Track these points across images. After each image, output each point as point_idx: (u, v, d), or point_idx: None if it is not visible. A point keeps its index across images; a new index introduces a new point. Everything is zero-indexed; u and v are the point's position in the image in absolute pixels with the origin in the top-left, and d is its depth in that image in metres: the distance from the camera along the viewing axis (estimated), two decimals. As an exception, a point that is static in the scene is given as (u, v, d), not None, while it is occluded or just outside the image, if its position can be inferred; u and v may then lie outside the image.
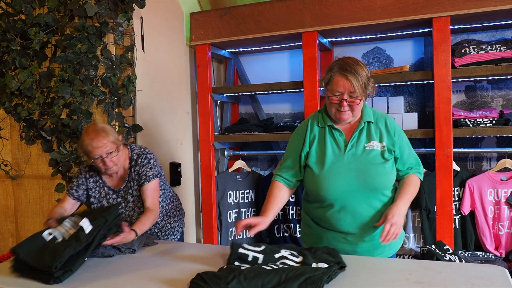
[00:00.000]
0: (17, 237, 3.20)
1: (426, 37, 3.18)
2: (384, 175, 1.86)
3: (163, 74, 3.18)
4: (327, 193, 1.86)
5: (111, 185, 2.28)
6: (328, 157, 1.88)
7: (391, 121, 1.95)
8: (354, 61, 1.83)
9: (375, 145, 1.87)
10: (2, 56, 2.97)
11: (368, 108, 1.96)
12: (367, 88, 1.83)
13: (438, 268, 1.65)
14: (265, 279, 1.42)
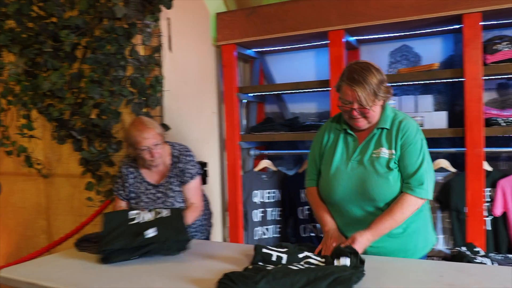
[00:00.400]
0: (49, 234, 3.28)
1: (456, 34, 3.11)
2: (384, 186, 1.78)
3: (190, 74, 3.21)
4: (329, 197, 1.90)
5: (150, 180, 2.33)
6: (335, 162, 1.89)
7: (406, 127, 1.82)
8: (364, 67, 1.78)
9: (383, 152, 1.80)
10: (35, 58, 3.06)
11: (389, 112, 1.87)
12: (377, 94, 1.75)
13: (470, 270, 1.62)
14: (294, 279, 1.42)
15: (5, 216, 3.49)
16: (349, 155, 1.87)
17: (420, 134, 1.84)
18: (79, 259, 1.90)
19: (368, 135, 1.86)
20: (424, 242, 1.91)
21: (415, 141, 1.80)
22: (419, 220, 1.87)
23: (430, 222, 1.96)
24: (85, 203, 3.06)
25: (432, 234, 1.96)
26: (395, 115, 1.88)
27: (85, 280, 1.62)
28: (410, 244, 1.85)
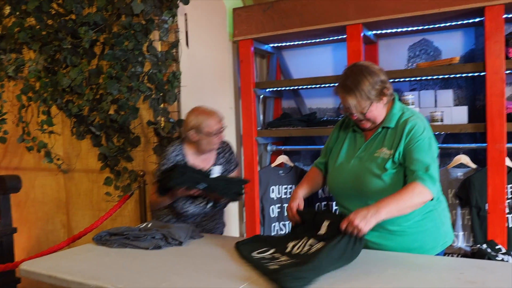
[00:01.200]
0: (69, 228, 3.33)
1: (477, 27, 3.05)
2: (377, 185, 1.77)
3: (207, 69, 3.21)
4: (332, 191, 1.98)
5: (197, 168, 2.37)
6: (340, 157, 1.94)
7: (412, 124, 1.79)
8: (357, 71, 1.79)
9: (383, 152, 1.80)
10: (54, 55, 3.10)
11: (396, 110, 1.85)
12: (371, 98, 1.76)
13: (491, 268, 1.58)
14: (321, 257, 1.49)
15: (26, 210, 3.55)
16: (354, 152, 1.90)
17: (428, 132, 1.80)
18: (98, 253, 1.92)
19: (373, 134, 1.87)
20: (433, 243, 1.85)
21: (422, 138, 1.76)
22: (426, 220, 1.83)
23: (444, 223, 1.90)
24: (104, 198, 3.10)
25: (444, 236, 1.88)
26: (402, 113, 1.85)
27: (105, 274, 1.64)
28: (414, 244, 1.81)
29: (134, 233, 2.02)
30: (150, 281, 1.54)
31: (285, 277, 1.38)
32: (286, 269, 1.43)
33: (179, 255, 1.86)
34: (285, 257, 1.66)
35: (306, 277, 1.39)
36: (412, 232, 1.81)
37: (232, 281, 1.50)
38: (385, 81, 1.81)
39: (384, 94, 1.80)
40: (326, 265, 1.48)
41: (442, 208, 1.91)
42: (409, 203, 1.66)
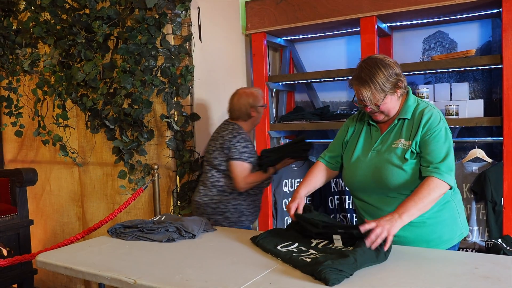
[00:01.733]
0: (84, 221, 3.38)
1: (494, 19, 3.00)
2: (399, 176, 1.77)
3: (220, 63, 3.21)
4: (349, 186, 1.96)
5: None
6: (356, 151, 1.92)
7: (429, 115, 1.79)
8: (372, 64, 1.79)
9: (401, 143, 1.80)
10: (69, 49, 3.13)
11: (411, 102, 1.86)
12: (385, 91, 1.76)
13: (506, 263, 1.56)
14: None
15: (42, 203, 3.61)
16: (371, 145, 1.89)
17: (444, 122, 1.80)
18: (113, 245, 1.95)
19: (390, 126, 1.87)
20: (450, 234, 1.85)
21: (439, 129, 1.76)
22: (444, 210, 1.83)
23: (459, 214, 1.90)
24: (118, 190, 3.13)
25: (461, 227, 1.90)
26: (417, 105, 1.86)
27: (119, 266, 1.66)
28: (433, 235, 1.81)
29: (148, 225, 2.04)
30: (163, 273, 1.55)
31: (326, 269, 1.38)
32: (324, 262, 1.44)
33: (192, 248, 1.87)
34: (313, 251, 1.65)
35: (345, 271, 1.40)
36: (431, 223, 1.81)
37: (247, 272, 1.51)
38: (400, 74, 1.81)
39: (399, 86, 1.80)
40: (361, 262, 1.48)
41: (458, 199, 1.92)
42: (428, 200, 1.67)
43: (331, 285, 1.36)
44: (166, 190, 2.98)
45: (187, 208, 2.94)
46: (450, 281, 1.40)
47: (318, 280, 1.39)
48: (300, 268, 1.50)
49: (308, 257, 1.57)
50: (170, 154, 2.94)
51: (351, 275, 1.42)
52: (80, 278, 1.85)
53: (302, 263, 1.52)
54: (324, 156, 2.08)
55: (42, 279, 3.57)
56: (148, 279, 1.50)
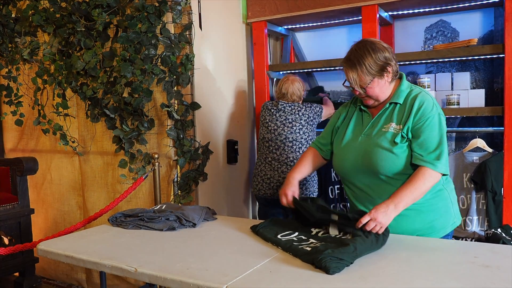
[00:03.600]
0: (84, 210, 3.39)
1: (497, 8, 2.98)
2: (388, 160, 1.76)
3: (220, 52, 3.19)
4: (339, 171, 1.95)
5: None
6: (346, 136, 1.93)
7: (422, 101, 1.78)
8: (361, 47, 1.78)
9: (392, 127, 1.80)
10: (69, 37, 3.11)
11: (404, 87, 1.84)
12: (373, 74, 1.75)
13: (506, 252, 1.57)
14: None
15: (42, 192, 3.61)
16: (362, 129, 1.89)
17: (437, 108, 1.79)
18: (113, 234, 1.95)
19: (381, 110, 1.86)
20: (443, 222, 1.86)
21: (432, 116, 1.75)
22: (437, 199, 1.84)
23: (452, 203, 1.91)
24: (118, 179, 3.14)
25: (453, 216, 1.90)
26: (410, 90, 1.85)
27: (120, 254, 1.67)
28: (426, 223, 1.82)
29: (149, 214, 2.05)
30: (164, 262, 1.56)
31: (327, 257, 1.40)
32: (325, 251, 1.44)
33: (193, 237, 1.88)
34: (314, 240, 1.66)
35: (345, 260, 1.41)
36: (424, 211, 1.81)
37: (247, 260, 1.51)
38: (390, 58, 1.78)
39: (387, 71, 1.78)
40: (361, 250, 1.50)
41: (451, 188, 1.92)
42: (422, 189, 1.70)
43: (331, 273, 1.36)
44: (166, 179, 2.98)
45: (187, 197, 2.95)
46: (449, 270, 1.40)
47: (319, 269, 1.40)
48: (301, 256, 1.51)
49: (308, 246, 1.58)
50: (170, 143, 2.93)
51: (351, 263, 1.43)
52: (81, 267, 1.86)
53: (302, 252, 1.53)
54: (317, 142, 2.08)
55: (44, 267, 3.59)
56: (148, 268, 1.51)
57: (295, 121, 2.89)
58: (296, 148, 2.90)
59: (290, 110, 2.91)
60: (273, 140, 2.92)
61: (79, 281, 3.46)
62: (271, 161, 2.94)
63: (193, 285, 1.37)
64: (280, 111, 2.93)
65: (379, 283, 1.32)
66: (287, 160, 2.90)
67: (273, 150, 2.93)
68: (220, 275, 1.41)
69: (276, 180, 2.92)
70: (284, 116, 2.91)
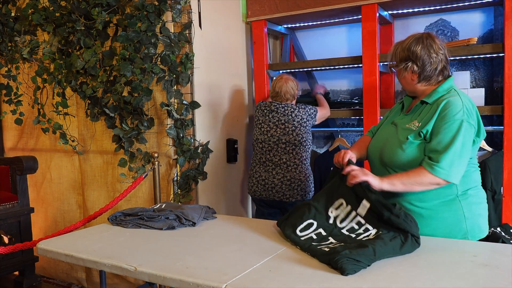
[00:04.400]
0: (84, 209, 3.39)
1: (497, 7, 2.98)
2: (397, 154, 1.77)
3: (220, 51, 3.19)
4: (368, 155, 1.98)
5: None
6: (381, 127, 1.99)
7: (449, 104, 1.70)
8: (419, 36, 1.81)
9: (413, 124, 1.78)
10: (68, 36, 3.11)
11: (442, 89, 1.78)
12: (397, 57, 1.82)
13: (505, 251, 1.57)
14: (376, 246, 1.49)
15: (42, 191, 3.62)
16: (394, 121, 1.91)
17: (463, 114, 1.68)
18: (113, 233, 1.95)
19: (413, 107, 1.87)
20: (447, 234, 1.74)
21: (453, 120, 1.67)
22: (444, 207, 1.75)
23: (466, 218, 1.76)
24: (118, 178, 3.14)
25: (465, 232, 1.76)
26: (446, 93, 1.77)
27: (120, 253, 1.67)
28: (426, 228, 1.74)
29: (148, 213, 2.05)
30: (164, 261, 1.56)
31: (343, 258, 1.39)
32: (342, 252, 1.43)
33: (192, 236, 1.88)
34: (333, 240, 1.64)
35: (362, 262, 1.40)
36: (426, 215, 1.76)
37: (247, 259, 1.52)
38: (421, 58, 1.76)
39: (407, 67, 1.79)
40: (380, 254, 1.47)
41: (470, 202, 1.78)
42: (414, 180, 1.68)
43: (346, 274, 1.35)
44: (166, 178, 2.98)
45: (187, 196, 2.95)
46: (449, 269, 1.40)
47: (334, 269, 1.39)
48: (318, 257, 1.50)
49: (327, 246, 1.57)
50: (170, 142, 2.94)
51: (368, 265, 1.42)
52: (81, 266, 1.87)
53: (320, 253, 1.52)
54: (372, 129, 2.12)
55: (44, 266, 3.59)
56: (148, 266, 1.51)
57: (287, 123, 2.86)
58: (289, 150, 2.86)
59: (283, 111, 2.88)
60: (266, 142, 2.90)
61: (79, 280, 3.46)
62: (265, 162, 2.92)
63: (192, 284, 1.37)
64: (273, 112, 2.90)
65: (378, 281, 1.32)
66: (280, 162, 2.87)
67: (266, 151, 2.91)
68: (219, 274, 1.41)
69: (271, 181, 2.88)
70: (277, 117, 2.88)
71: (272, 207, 2.95)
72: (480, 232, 1.81)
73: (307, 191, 2.89)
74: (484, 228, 1.83)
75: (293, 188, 2.84)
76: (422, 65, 1.77)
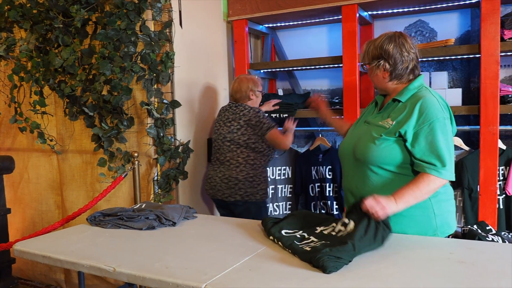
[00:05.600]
0: (63, 209, 3.34)
1: (474, 9, 3.03)
2: (370, 149, 1.78)
3: (201, 50, 3.18)
4: (339, 152, 2.02)
5: None
6: (355, 126, 2.02)
7: (425, 104, 1.72)
8: (391, 34, 1.85)
9: (387, 122, 1.80)
10: (46, 34, 3.05)
11: (413, 86, 1.82)
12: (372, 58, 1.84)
13: (480, 248, 1.61)
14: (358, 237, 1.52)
15: (20, 191, 3.55)
16: (367, 120, 1.93)
17: (442, 112, 1.72)
18: (92, 233, 1.93)
19: (385, 104, 1.89)
20: (416, 231, 1.78)
21: (436, 120, 1.70)
22: (415, 206, 1.74)
23: (436, 215, 1.80)
24: (97, 178, 3.10)
25: (435, 229, 1.80)
26: (418, 91, 1.81)
27: (98, 254, 1.65)
28: (396, 226, 1.73)
29: (128, 213, 2.03)
30: (143, 261, 1.55)
31: (324, 256, 1.39)
32: (323, 250, 1.45)
33: (172, 235, 1.87)
34: (315, 238, 1.64)
35: (343, 258, 1.41)
36: (397, 213, 1.71)
37: (227, 259, 1.51)
38: (392, 57, 1.79)
39: (380, 65, 1.82)
40: (359, 248, 1.49)
41: (440, 199, 1.82)
42: (426, 191, 1.69)
43: (328, 272, 1.36)
44: (146, 178, 2.96)
45: (167, 196, 2.93)
46: (426, 266, 1.43)
47: (316, 268, 1.40)
48: (299, 255, 1.51)
49: (308, 246, 1.57)
50: (150, 141, 2.91)
51: (350, 261, 1.43)
52: (59, 267, 1.84)
53: (301, 251, 1.52)
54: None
55: (21, 268, 3.53)
56: (127, 267, 1.50)
57: (234, 121, 2.79)
58: (233, 148, 2.79)
59: (234, 110, 2.83)
60: (216, 140, 2.89)
61: (57, 281, 3.41)
62: (215, 160, 2.90)
63: (172, 284, 1.36)
64: (225, 111, 2.88)
65: (357, 279, 1.33)
66: (224, 160, 2.82)
67: (216, 150, 2.88)
68: (199, 273, 1.41)
69: (214, 180, 2.84)
70: (226, 116, 2.85)
71: (221, 207, 2.93)
72: (449, 228, 1.86)
73: (249, 193, 2.77)
74: (452, 224, 1.87)
75: (231, 186, 2.77)
76: (394, 63, 1.80)
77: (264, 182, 2.85)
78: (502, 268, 1.39)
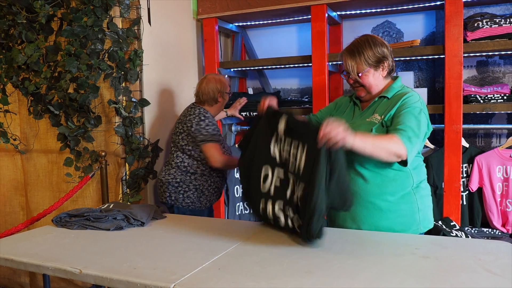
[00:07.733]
0: (27, 210, 3.24)
1: (438, 11, 3.11)
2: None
3: (170, 48, 3.15)
4: None
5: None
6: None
7: (408, 95, 1.83)
8: (364, 39, 1.91)
9: (375, 118, 1.86)
10: (8, 30, 2.96)
11: (397, 85, 1.92)
12: (370, 63, 1.86)
13: (444, 243, 1.65)
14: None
15: (-18, 192, 3.43)
16: (350, 120, 1.95)
17: (421, 105, 1.82)
18: (57, 235, 1.89)
19: (370, 103, 1.94)
20: (402, 226, 1.84)
21: (413, 106, 1.78)
22: (401, 200, 1.84)
23: (420, 209, 1.87)
24: (64, 178, 3.02)
25: (418, 223, 1.86)
26: (402, 89, 1.92)
27: (64, 255, 1.61)
28: (383, 222, 1.83)
29: (95, 214, 1.99)
30: (110, 262, 1.52)
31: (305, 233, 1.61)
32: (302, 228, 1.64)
33: (141, 236, 1.85)
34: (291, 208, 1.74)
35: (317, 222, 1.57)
36: (385, 209, 1.83)
37: (196, 258, 1.51)
38: (387, 54, 1.89)
39: (383, 64, 1.88)
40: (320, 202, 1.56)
41: (422, 195, 1.90)
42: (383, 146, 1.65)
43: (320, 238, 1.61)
44: (114, 177, 2.91)
45: (136, 196, 2.89)
46: (392, 262, 1.46)
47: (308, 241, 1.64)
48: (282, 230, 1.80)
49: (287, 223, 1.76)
50: (118, 140, 2.86)
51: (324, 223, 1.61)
52: (23, 270, 1.79)
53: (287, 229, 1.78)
54: (312, 116, 2.19)
55: (-17, 271, 3.41)
56: (94, 268, 1.47)
57: (180, 123, 2.64)
58: (173, 150, 2.68)
59: (186, 112, 2.67)
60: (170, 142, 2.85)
61: (22, 285, 3.31)
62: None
63: (140, 284, 1.35)
64: (183, 112, 2.72)
65: (325, 276, 1.35)
66: (167, 161, 2.75)
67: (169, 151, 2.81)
68: (168, 274, 1.39)
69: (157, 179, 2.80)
70: (180, 117, 2.70)
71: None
72: (429, 223, 1.94)
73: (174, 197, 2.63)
74: (431, 219, 1.96)
75: (159, 187, 2.71)
76: (390, 58, 1.92)
77: (195, 192, 2.62)
78: (464, 262, 1.44)
